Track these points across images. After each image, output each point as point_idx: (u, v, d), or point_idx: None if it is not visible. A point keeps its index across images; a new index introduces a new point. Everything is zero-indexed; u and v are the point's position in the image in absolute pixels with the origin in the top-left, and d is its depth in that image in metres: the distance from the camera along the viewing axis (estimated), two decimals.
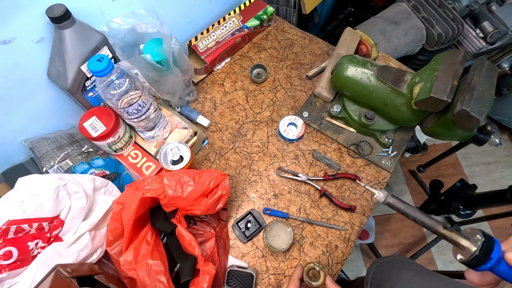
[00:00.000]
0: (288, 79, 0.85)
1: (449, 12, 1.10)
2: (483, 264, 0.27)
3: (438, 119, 0.61)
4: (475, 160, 1.63)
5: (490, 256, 0.27)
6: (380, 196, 0.33)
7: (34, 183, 0.47)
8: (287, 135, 0.75)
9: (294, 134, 0.74)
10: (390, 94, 0.66)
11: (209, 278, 0.48)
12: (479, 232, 0.29)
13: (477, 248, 0.28)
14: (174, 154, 0.58)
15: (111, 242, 0.49)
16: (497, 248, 0.28)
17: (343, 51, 0.81)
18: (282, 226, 0.63)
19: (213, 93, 0.83)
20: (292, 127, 0.75)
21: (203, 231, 0.59)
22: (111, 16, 0.61)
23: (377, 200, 0.33)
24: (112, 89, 0.52)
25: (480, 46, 1.21)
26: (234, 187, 0.71)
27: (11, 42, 0.50)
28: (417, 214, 0.31)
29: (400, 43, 1.07)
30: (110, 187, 0.57)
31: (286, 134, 0.75)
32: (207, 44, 0.81)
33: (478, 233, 0.29)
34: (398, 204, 0.32)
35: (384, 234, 1.47)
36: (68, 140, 0.63)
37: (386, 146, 0.74)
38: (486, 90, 0.54)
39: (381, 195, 0.33)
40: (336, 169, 0.73)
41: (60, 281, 0.38)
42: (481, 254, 0.27)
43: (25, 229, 0.44)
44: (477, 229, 0.30)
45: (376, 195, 0.33)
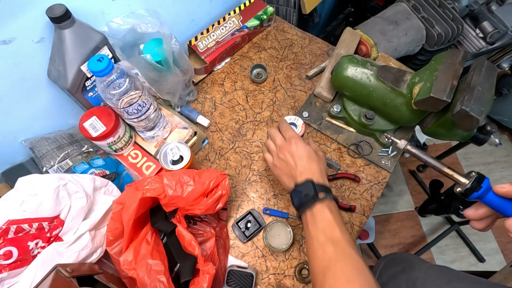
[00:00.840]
0: (288, 79, 0.85)
1: (449, 12, 1.10)
2: (475, 191, 0.35)
3: (438, 119, 0.61)
4: (475, 160, 1.63)
5: (481, 185, 0.35)
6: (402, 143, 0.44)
7: (34, 183, 0.47)
8: None
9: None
10: (390, 94, 0.66)
11: (209, 278, 0.48)
12: (474, 172, 0.37)
13: (470, 181, 0.36)
14: (174, 154, 0.58)
15: (111, 242, 0.49)
16: (487, 180, 0.36)
17: (343, 51, 0.81)
18: (282, 226, 0.63)
19: (213, 93, 0.83)
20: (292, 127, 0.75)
21: (203, 231, 0.59)
22: (111, 16, 0.61)
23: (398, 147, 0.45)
24: (112, 89, 0.52)
25: (479, 46, 1.21)
26: (234, 187, 0.71)
27: (11, 42, 0.50)
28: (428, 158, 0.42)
29: (400, 43, 1.07)
30: (110, 187, 0.57)
31: None
32: (207, 44, 0.81)
33: (473, 172, 0.37)
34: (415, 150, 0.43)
35: (384, 234, 1.47)
36: (68, 140, 0.63)
37: (386, 146, 0.74)
38: (485, 90, 0.54)
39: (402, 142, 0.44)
40: (336, 169, 0.73)
41: (60, 280, 0.38)
42: (473, 185, 0.35)
43: (25, 229, 0.44)
44: (474, 171, 0.38)
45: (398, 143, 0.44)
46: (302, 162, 0.51)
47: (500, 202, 0.35)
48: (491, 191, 0.35)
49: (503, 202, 0.35)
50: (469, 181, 0.36)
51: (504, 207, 0.35)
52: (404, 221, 1.50)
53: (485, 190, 0.35)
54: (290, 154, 0.53)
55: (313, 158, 0.52)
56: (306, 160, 0.52)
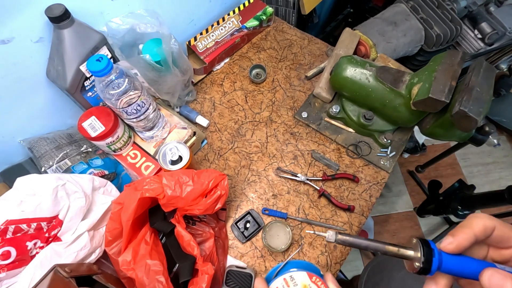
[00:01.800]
0: (287, 80, 0.85)
1: (447, 13, 1.10)
2: (432, 260, 0.27)
3: (437, 119, 0.62)
4: (473, 161, 1.63)
5: (432, 248, 0.28)
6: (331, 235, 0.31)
7: (33, 183, 0.47)
8: None
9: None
10: (388, 94, 0.66)
11: (208, 278, 0.48)
12: (413, 238, 0.30)
13: (420, 250, 0.28)
14: (173, 154, 0.58)
15: (110, 242, 0.49)
16: (432, 243, 0.28)
17: (342, 51, 0.81)
18: (281, 226, 0.63)
19: (212, 93, 0.83)
20: None
21: (202, 231, 0.59)
22: (110, 16, 0.61)
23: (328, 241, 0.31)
24: (111, 89, 0.52)
25: (478, 47, 1.21)
26: (233, 187, 0.71)
27: (10, 42, 0.50)
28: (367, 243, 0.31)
29: (399, 44, 1.08)
30: (109, 187, 0.57)
31: None
32: (206, 44, 0.81)
33: (412, 239, 0.29)
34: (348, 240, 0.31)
35: (383, 235, 1.47)
36: (67, 140, 0.63)
37: (385, 146, 0.74)
38: (484, 90, 0.54)
39: (331, 234, 0.31)
40: (335, 169, 0.73)
41: (59, 281, 0.38)
42: (427, 253, 0.28)
43: (24, 229, 0.44)
44: (410, 237, 0.30)
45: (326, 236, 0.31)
46: None
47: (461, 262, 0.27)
48: (443, 253, 0.27)
49: (463, 261, 0.27)
50: (419, 251, 0.28)
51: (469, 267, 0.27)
52: (403, 222, 1.50)
53: (440, 254, 0.27)
54: None
55: None
56: None
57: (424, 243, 0.28)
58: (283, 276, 0.34)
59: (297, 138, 0.77)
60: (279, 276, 0.34)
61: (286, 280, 0.34)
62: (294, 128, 0.78)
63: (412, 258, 0.29)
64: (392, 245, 0.30)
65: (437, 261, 0.27)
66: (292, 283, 0.34)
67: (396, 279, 0.58)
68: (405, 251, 0.29)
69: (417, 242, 0.29)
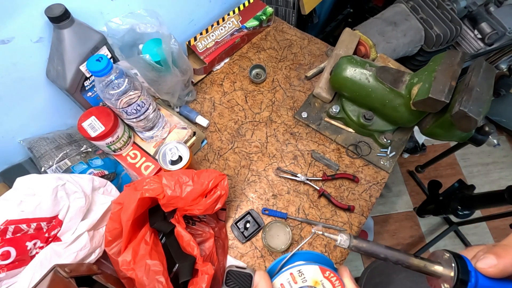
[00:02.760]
0: (287, 80, 0.85)
1: (447, 13, 1.10)
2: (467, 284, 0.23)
3: (437, 119, 0.62)
4: (473, 161, 1.63)
5: (468, 268, 0.24)
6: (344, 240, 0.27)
7: (33, 183, 0.47)
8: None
9: None
10: (388, 94, 0.66)
11: (207, 278, 0.48)
12: (445, 252, 0.26)
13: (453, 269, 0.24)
14: (173, 154, 0.58)
15: (109, 242, 0.49)
16: (468, 261, 0.24)
17: (342, 51, 0.81)
18: (281, 226, 0.63)
19: (212, 93, 0.83)
20: None
21: (202, 231, 0.59)
22: (110, 16, 0.61)
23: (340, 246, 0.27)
24: (111, 89, 0.52)
25: (478, 47, 1.22)
26: (233, 187, 0.71)
27: (9, 42, 0.50)
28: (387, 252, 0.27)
29: (399, 44, 1.08)
30: (108, 187, 0.57)
31: None
32: (206, 45, 0.81)
33: (444, 254, 0.26)
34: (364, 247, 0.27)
35: (383, 235, 1.47)
36: (66, 140, 0.63)
37: (385, 146, 0.74)
38: (484, 91, 0.54)
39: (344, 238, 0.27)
40: (334, 170, 0.73)
41: (59, 281, 0.38)
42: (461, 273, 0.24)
43: (23, 229, 0.44)
44: (441, 250, 0.26)
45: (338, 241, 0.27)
46: None
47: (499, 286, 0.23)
48: (480, 274, 0.23)
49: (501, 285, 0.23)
50: (452, 270, 0.24)
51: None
52: (403, 222, 1.50)
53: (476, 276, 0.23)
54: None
55: None
56: None
57: (458, 261, 0.24)
58: (289, 270, 0.28)
59: (297, 138, 0.77)
60: (284, 270, 0.29)
61: (293, 275, 0.28)
62: (294, 128, 0.78)
63: (440, 275, 0.25)
64: (418, 258, 0.26)
65: (472, 286, 0.23)
66: (301, 279, 0.28)
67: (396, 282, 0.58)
68: (433, 267, 0.25)
69: (450, 259, 0.24)
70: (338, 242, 0.27)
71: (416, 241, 1.46)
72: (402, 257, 0.26)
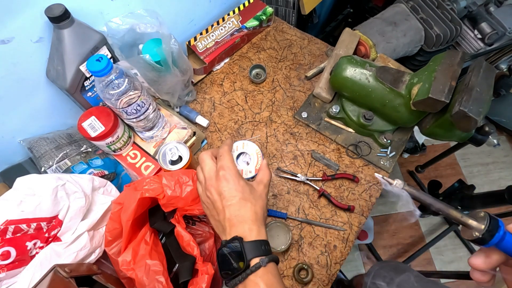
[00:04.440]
0: (287, 80, 0.85)
1: (447, 13, 1.10)
2: (495, 234, 0.29)
3: (436, 119, 0.62)
4: (473, 161, 1.63)
5: (499, 224, 0.29)
6: (399, 184, 0.35)
7: (33, 183, 0.47)
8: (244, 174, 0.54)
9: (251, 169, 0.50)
10: (388, 94, 0.66)
11: (207, 278, 0.48)
12: (482, 211, 0.32)
13: (485, 223, 0.30)
14: (173, 154, 0.58)
15: (109, 242, 0.49)
16: (500, 221, 0.30)
17: (342, 51, 0.81)
18: (281, 226, 0.63)
19: (212, 93, 0.83)
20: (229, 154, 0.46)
21: (202, 231, 0.59)
22: (110, 16, 0.61)
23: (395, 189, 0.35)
24: (111, 89, 0.52)
25: (478, 47, 1.22)
26: None
27: (9, 42, 0.50)
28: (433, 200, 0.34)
29: (399, 44, 1.08)
30: (108, 187, 0.57)
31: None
32: (206, 44, 0.81)
33: (481, 212, 0.31)
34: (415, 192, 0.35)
35: (383, 235, 1.47)
36: (66, 140, 0.63)
37: (385, 146, 0.74)
38: (484, 91, 0.54)
39: (399, 182, 0.35)
40: (334, 170, 0.73)
41: (59, 281, 0.38)
42: (491, 228, 0.29)
43: (23, 229, 0.44)
44: (479, 211, 0.32)
45: (394, 184, 0.35)
46: (231, 207, 0.41)
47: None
48: (507, 232, 0.29)
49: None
50: (484, 224, 0.30)
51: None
52: (403, 222, 1.50)
53: (504, 232, 0.29)
54: (218, 193, 0.42)
55: (247, 198, 0.41)
56: (237, 204, 0.41)
57: (491, 219, 0.30)
58: (243, 141, 0.48)
59: (297, 138, 0.77)
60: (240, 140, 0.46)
61: (244, 144, 0.47)
62: (294, 128, 0.78)
63: (473, 227, 0.30)
64: (457, 210, 0.32)
65: (499, 236, 0.29)
66: (246, 148, 0.47)
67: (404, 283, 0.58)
68: (468, 219, 0.31)
69: (485, 215, 0.30)
70: (394, 184, 0.35)
71: (416, 241, 1.46)
72: (443, 207, 0.33)
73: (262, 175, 0.46)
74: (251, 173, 0.45)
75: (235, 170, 0.43)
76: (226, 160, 0.43)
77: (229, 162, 0.43)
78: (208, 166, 0.44)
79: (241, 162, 0.45)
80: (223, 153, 0.44)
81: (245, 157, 0.44)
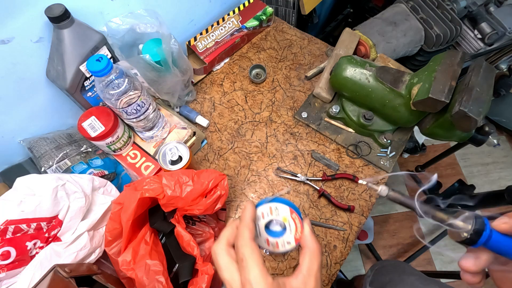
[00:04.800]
0: (287, 80, 0.85)
1: (447, 13, 1.10)
2: (483, 231, 0.28)
3: (436, 119, 0.62)
4: (473, 161, 1.63)
5: (484, 222, 0.29)
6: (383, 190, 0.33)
7: (33, 183, 0.47)
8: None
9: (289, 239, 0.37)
10: (388, 94, 0.66)
11: (208, 278, 0.48)
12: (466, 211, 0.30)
13: (472, 222, 0.29)
14: (173, 154, 0.58)
15: (109, 242, 0.49)
16: (486, 219, 0.29)
17: (342, 51, 0.81)
18: None
19: (212, 93, 0.83)
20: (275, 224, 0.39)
21: (202, 231, 0.59)
22: (110, 16, 0.61)
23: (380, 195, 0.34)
24: (111, 89, 0.52)
25: (478, 47, 1.22)
26: (233, 187, 0.71)
27: (9, 42, 0.50)
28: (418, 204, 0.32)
29: (399, 44, 1.08)
30: (108, 187, 0.57)
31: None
32: (206, 45, 0.81)
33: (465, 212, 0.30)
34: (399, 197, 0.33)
35: (383, 235, 1.47)
36: (66, 140, 0.63)
37: (385, 146, 0.74)
38: (484, 91, 0.54)
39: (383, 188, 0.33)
40: (334, 170, 0.73)
41: (59, 281, 0.38)
42: (477, 227, 0.28)
43: (23, 229, 0.44)
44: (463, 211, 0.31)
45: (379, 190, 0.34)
46: None
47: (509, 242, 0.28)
48: (493, 230, 0.29)
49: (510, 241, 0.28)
50: (471, 224, 0.29)
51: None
52: (403, 222, 1.50)
53: (490, 230, 0.28)
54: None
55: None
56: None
57: (477, 218, 0.29)
58: (269, 204, 0.37)
59: (297, 138, 0.77)
60: (266, 203, 0.37)
61: (271, 208, 0.37)
62: (294, 128, 0.78)
63: (460, 228, 0.29)
64: (442, 212, 0.31)
65: (487, 235, 0.28)
66: (275, 213, 0.37)
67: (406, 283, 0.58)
68: (455, 220, 0.30)
69: (471, 215, 0.29)
70: (379, 191, 0.33)
71: (416, 241, 1.46)
72: (429, 209, 0.31)
73: (310, 258, 0.31)
74: (290, 244, 0.36)
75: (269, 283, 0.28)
76: (253, 273, 0.28)
77: (258, 277, 0.28)
78: (228, 274, 0.30)
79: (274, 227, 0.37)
80: (245, 256, 0.29)
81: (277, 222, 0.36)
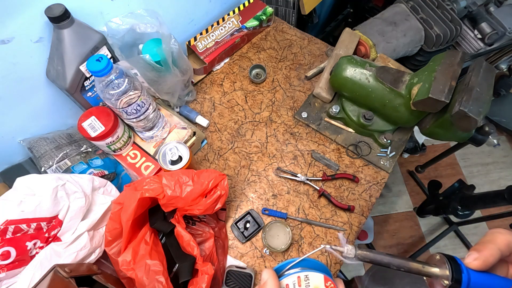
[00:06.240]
0: (287, 80, 0.85)
1: (447, 13, 1.10)
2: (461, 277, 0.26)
3: (436, 119, 0.62)
4: (473, 161, 1.63)
5: (458, 263, 0.27)
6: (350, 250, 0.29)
7: (33, 183, 0.47)
8: None
9: None
10: (388, 94, 0.66)
11: (207, 278, 0.48)
12: (436, 255, 0.29)
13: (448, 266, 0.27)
14: (173, 154, 0.58)
15: (109, 242, 0.49)
16: (459, 260, 0.28)
17: (342, 51, 0.81)
18: (281, 226, 0.63)
19: (212, 93, 0.83)
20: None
21: (202, 231, 0.59)
22: (110, 16, 0.61)
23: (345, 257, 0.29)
24: (111, 89, 0.52)
25: (478, 47, 1.22)
26: (233, 187, 0.71)
27: (9, 42, 0.50)
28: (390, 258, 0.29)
29: (399, 44, 1.08)
30: (108, 187, 0.57)
31: None
32: (206, 44, 0.81)
33: (436, 255, 0.29)
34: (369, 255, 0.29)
35: (383, 235, 1.47)
36: (66, 140, 0.63)
37: (385, 146, 0.74)
38: (484, 91, 0.54)
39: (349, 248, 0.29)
40: (334, 170, 0.73)
41: (59, 281, 0.38)
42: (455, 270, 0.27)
43: (24, 229, 0.44)
44: (434, 254, 0.29)
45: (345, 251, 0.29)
46: None
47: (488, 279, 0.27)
48: (471, 270, 0.27)
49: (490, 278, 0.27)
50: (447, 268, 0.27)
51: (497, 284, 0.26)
52: (403, 222, 1.50)
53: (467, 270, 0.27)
54: None
55: None
56: None
57: (450, 259, 0.27)
58: (298, 273, 0.30)
59: (297, 138, 0.77)
60: (293, 273, 0.30)
61: (300, 278, 0.30)
62: (294, 128, 0.78)
63: (439, 275, 0.27)
64: (417, 262, 0.28)
65: (466, 279, 0.26)
66: (305, 283, 0.29)
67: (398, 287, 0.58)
68: (431, 268, 0.28)
69: (442, 258, 0.28)
70: (345, 253, 0.29)
71: (416, 241, 1.46)
72: (403, 262, 0.29)
73: None
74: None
75: None
76: None
77: None
78: None
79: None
80: None
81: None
